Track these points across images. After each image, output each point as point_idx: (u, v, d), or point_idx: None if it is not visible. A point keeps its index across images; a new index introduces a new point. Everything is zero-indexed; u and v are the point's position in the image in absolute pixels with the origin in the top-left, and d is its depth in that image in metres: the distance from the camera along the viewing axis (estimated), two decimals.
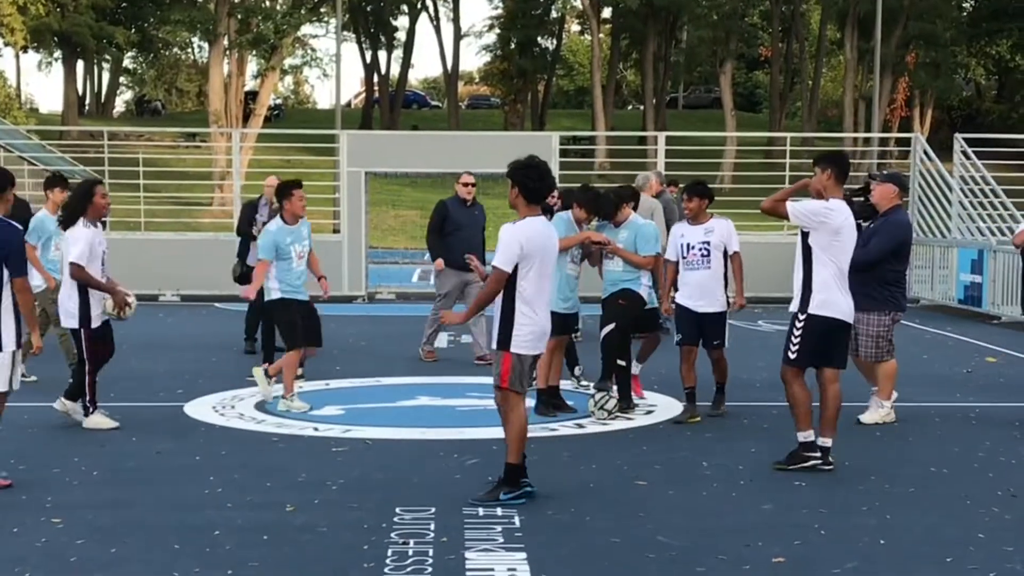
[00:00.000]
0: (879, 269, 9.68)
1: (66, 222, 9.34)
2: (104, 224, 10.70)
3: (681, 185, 18.35)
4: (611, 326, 10.06)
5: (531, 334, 7.11)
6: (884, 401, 9.80)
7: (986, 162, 22.20)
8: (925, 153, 22.35)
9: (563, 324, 10.00)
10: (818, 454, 8.11)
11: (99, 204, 9.35)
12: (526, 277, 7.07)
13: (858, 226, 10.25)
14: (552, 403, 9.96)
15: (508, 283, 7.07)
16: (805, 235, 8.11)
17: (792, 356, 8.11)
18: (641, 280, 10.08)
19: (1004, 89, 65.66)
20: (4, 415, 7.68)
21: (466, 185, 13.27)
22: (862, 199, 10.26)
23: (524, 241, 7.03)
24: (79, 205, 9.35)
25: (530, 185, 7.19)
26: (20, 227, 7.54)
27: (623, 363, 10.10)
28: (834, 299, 8.02)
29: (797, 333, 8.08)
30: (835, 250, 8.04)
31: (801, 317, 8.07)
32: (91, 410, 9.31)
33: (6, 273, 7.30)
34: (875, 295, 9.68)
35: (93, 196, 9.33)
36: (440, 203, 13.45)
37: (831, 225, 7.99)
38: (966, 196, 21.25)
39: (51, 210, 11.39)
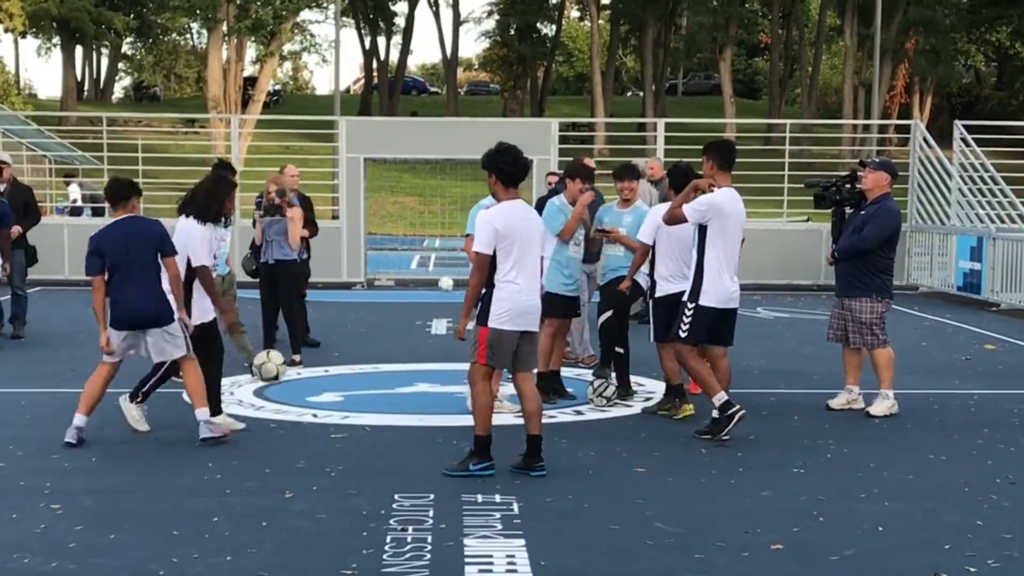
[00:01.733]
0: (871, 256, 9.66)
1: (189, 211, 8.88)
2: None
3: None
4: (609, 312, 10.06)
5: (509, 311, 7.32)
6: (888, 391, 9.72)
7: (985, 149, 22.15)
8: (924, 140, 22.31)
9: (565, 307, 9.99)
10: (738, 406, 8.46)
11: (227, 207, 9.07)
12: (504, 258, 7.32)
13: (842, 214, 10.29)
14: (551, 388, 9.95)
15: (490, 265, 7.33)
16: (703, 225, 8.47)
17: (683, 335, 8.60)
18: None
19: (1004, 76, 65.62)
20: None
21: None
22: (849, 186, 10.25)
23: (499, 223, 7.30)
24: (214, 202, 8.89)
25: (505, 169, 7.42)
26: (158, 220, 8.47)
27: (621, 350, 10.10)
28: (722, 287, 8.51)
29: (687, 319, 8.56)
30: (726, 236, 8.47)
31: (691, 306, 8.51)
32: (139, 399, 8.88)
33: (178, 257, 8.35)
34: (867, 282, 9.68)
35: (227, 197, 9.00)
36: (551, 191, 12.18)
37: (724, 211, 8.43)
38: (965, 183, 21.22)
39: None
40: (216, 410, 8.70)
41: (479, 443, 7.44)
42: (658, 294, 9.41)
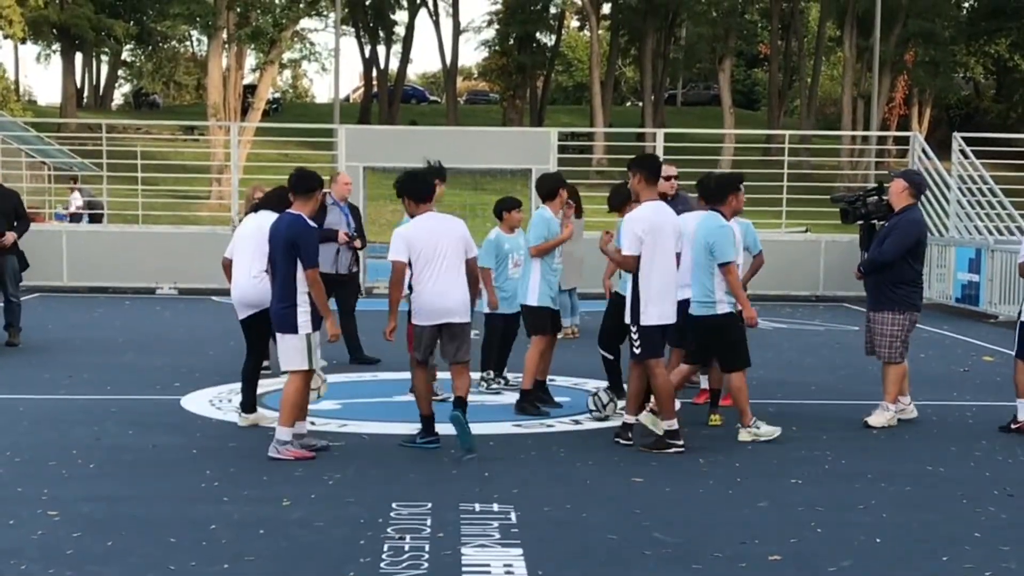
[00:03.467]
0: (895, 268, 9.50)
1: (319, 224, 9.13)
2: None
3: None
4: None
5: (422, 309, 8.43)
6: (890, 404, 9.69)
7: (984, 161, 22.19)
8: (923, 152, 22.35)
9: (553, 321, 10.14)
10: (681, 442, 8.49)
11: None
12: (417, 265, 8.34)
13: (871, 226, 10.22)
14: (538, 398, 9.96)
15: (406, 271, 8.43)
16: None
17: (637, 352, 8.51)
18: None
19: (1003, 88, 65.66)
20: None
21: (667, 178, 10.88)
22: (876, 198, 10.20)
23: (409, 237, 8.37)
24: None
25: (408, 186, 8.52)
26: (312, 224, 8.25)
27: (611, 356, 10.11)
28: (662, 306, 8.45)
29: (636, 340, 8.52)
30: (660, 251, 8.39)
31: (635, 330, 8.49)
32: None
33: (299, 265, 8.09)
34: (891, 295, 9.54)
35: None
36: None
37: (655, 229, 8.36)
38: (964, 195, 21.26)
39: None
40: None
41: (424, 421, 8.53)
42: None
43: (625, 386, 10.21)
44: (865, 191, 10.45)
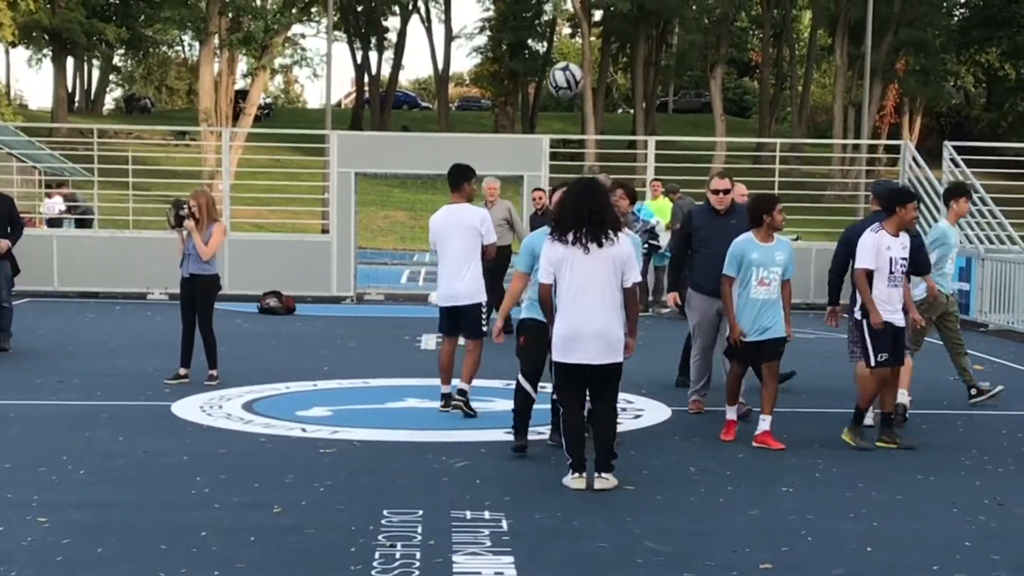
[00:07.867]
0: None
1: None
2: None
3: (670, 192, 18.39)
4: None
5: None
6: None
7: (975, 170, 22.24)
8: (914, 160, 22.40)
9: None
10: (442, 403, 10.16)
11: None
12: None
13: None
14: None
15: None
16: None
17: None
18: None
19: (993, 97, 65.86)
20: None
21: (716, 192, 10.48)
22: None
23: None
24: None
25: None
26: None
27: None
28: (445, 289, 10.07)
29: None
30: (445, 245, 10.00)
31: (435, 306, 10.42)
32: None
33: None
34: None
35: None
36: (686, 213, 11.34)
37: (438, 228, 10.05)
38: None
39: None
40: None
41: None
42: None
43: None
44: None
